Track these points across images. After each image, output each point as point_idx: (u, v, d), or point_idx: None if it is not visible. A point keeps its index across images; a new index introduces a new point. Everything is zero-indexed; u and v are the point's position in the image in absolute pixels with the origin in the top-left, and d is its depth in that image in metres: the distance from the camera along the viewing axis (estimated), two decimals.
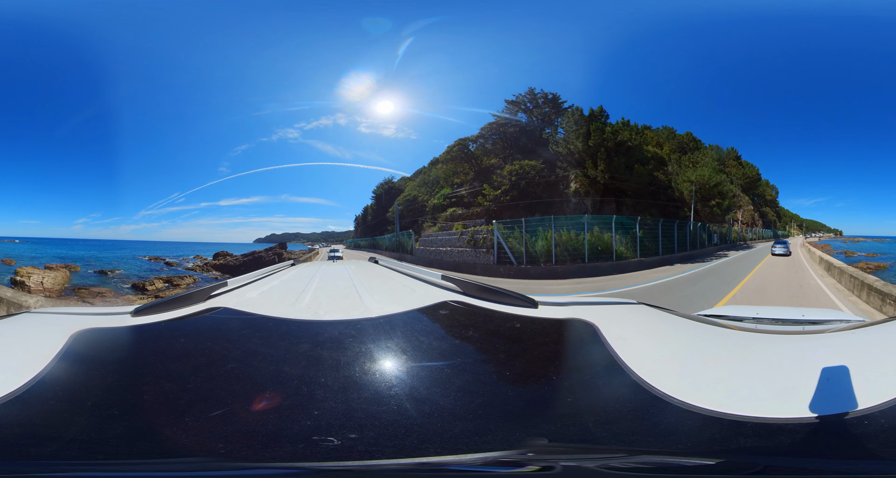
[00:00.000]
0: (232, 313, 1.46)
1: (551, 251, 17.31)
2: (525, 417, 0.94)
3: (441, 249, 21.22)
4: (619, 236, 18.87)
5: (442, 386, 1.01)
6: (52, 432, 0.86)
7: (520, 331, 1.34)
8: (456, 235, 20.43)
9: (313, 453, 0.81)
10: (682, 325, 1.48)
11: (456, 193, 23.49)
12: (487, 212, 20.33)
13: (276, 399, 0.95)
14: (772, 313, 2.67)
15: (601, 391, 1.04)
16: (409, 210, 26.42)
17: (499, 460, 0.81)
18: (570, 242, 17.61)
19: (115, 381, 1.06)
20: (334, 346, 1.16)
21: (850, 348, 1.28)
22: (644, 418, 0.93)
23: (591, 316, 1.38)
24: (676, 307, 1.73)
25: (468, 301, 1.53)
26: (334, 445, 0.82)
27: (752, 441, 0.85)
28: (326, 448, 0.81)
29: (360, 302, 1.60)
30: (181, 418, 0.89)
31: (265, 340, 1.25)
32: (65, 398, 0.97)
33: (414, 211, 26.04)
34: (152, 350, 1.25)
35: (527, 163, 20.81)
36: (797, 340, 1.37)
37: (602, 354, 1.16)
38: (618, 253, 18.53)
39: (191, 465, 0.80)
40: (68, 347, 1.16)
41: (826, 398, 0.93)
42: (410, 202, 26.68)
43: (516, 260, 17.55)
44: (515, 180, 20.52)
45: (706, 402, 0.94)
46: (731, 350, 1.28)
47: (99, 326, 1.34)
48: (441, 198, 24.29)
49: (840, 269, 14.40)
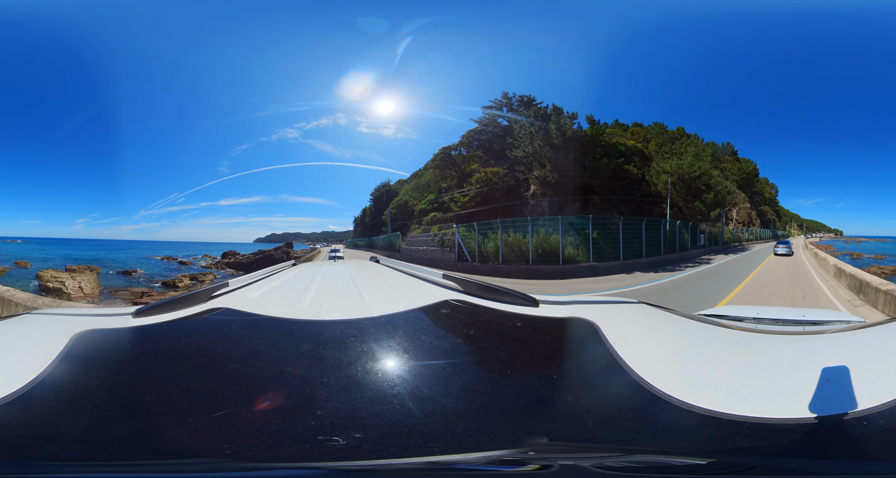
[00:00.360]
0: (233, 314, 1.46)
1: (499, 252, 19.07)
2: (526, 415, 0.94)
3: (420, 248, 23.88)
4: (572, 238, 18.27)
5: (444, 385, 1.02)
6: (53, 433, 0.86)
7: (521, 330, 1.35)
8: (430, 237, 22.99)
9: (321, 452, 0.81)
10: (682, 324, 1.48)
11: (439, 199, 25.49)
12: (459, 216, 22.55)
13: (279, 399, 0.95)
14: (772, 314, 2.68)
15: (601, 390, 1.04)
16: (402, 213, 28.40)
17: (502, 459, 0.82)
18: (517, 243, 18.74)
19: (116, 382, 1.06)
20: (336, 345, 1.16)
21: (851, 349, 1.28)
22: (643, 418, 0.94)
23: (591, 315, 1.38)
24: None
25: (469, 300, 1.54)
26: (340, 444, 0.82)
27: (749, 441, 0.85)
28: (333, 448, 0.82)
29: (362, 301, 1.61)
30: (184, 419, 0.89)
31: (267, 340, 1.25)
32: (66, 399, 0.97)
33: (405, 214, 28.09)
34: (154, 351, 1.25)
35: (490, 170, 22.88)
36: (798, 341, 1.37)
37: (602, 353, 1.16)
38: (567, 256, 17.85)
39: (198, 466, 0.80)
40: (69, 349, 1.16)
41: (825, 399, 0.93)
42: (402, 206, 28.75)
43: (471, 258, 19.97)
44: (479, 187, 22.60)
45: (705, 401, 0.94)
46: (731, 350, 1.28)
47: (100, 328, 1.33)
48: (427, 203, 26.44)
49: (876, 288, 9.92)
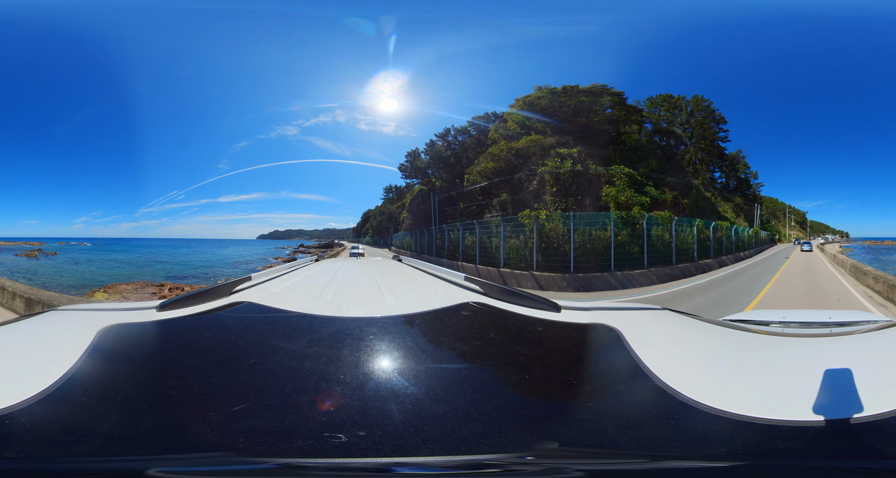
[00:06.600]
0: (255, 308, 1.46)
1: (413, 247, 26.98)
2: (541, 420, 0.93)
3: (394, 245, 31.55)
4: None
5: (459, 387, 1.01)
6: (88, 428, 0.87)
7: (541, 334, 1.33)
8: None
9: (318, 449, 0.81)
10: (707, 330, 1.45)
11: None
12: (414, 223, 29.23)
13: (297, 394, 0.95)
14: (799, 317, 2.63)
15: (623, 396, 1.02)
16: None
17: (475, 463, 0.81)
18: None
19: (142, 376, 1.07)
20: (355, 343, 1.16)
21: (881, 349, 1.27)
22: (669, 424, 0.92)
23: (614, 321, 1.36)
24: None
25: (490, 303, 1.52)
26: (341, 442, 0.82)
27: (789, 444, 0.84)
28: (332, 445, 0.82)
29: (383, 300, 1.61)
30: (206, 413, 0.90)
31: (287, 335, 1.26)
32: (96, 394, 0.98)
33: None
34: (178, 345, 1.27)
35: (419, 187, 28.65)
36: (827, 342, 1.35)
37: (625, 359, 1.14)
38: None
39: (208, 460, 0.81)
40: (96, 343, 1.17)
41: (860, 399, 0.91)
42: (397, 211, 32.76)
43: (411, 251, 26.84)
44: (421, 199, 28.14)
45: (737, 406, 0.92)
46: (759, 354, 1.26)
47: (125, 322, 1.35)
48: None
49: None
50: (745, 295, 13.30)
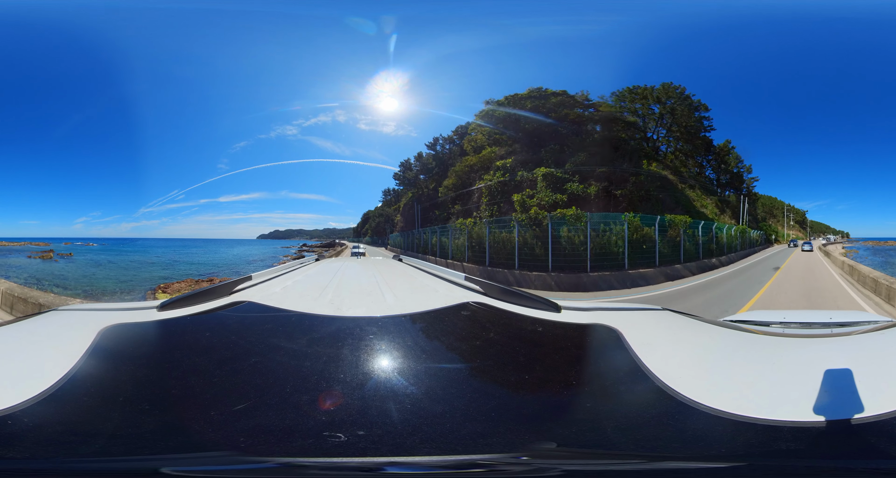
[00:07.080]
0: (256, 307, 1.46)
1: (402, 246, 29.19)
2: (540, 421, 0.93)
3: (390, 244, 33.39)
4: None
5: (458, 387, 1.01)
6: (91, 428, 0.87)
7: (541, 335, 1.33)
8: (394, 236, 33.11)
9: (317, 448, 0.82)
10: (707, 330, 1.45)
11: None
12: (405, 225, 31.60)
13: (297, 394, 0.96)
14: (799, 317, 2.63)
15: (623, 397, 1.02)
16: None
17: (468, 463, 0.81)
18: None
19: (143, 375, 1.07)
20: (355, 342, 1.16)
21: (882, 349, 1.27)
22: (669, 425, 0.92)
23: (614, 322, 1.36)
24: None
25: (490, 303, 1.52)
26: (340, 441, 0.83)
27: (790, 445, 0.84)
28: (331, 444, 0.82)
29: (383, 299, 1.61)
30: (207, 413, 0.90)
31: (288, 334, 1.26)
32: (97, 394, 0.98)
33: None
34: (179, 344, 1.27)
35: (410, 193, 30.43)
36: (827, 343, 1.35)
37: (625, 359, 1.14)
38: None
39: (214, 460, 0.82)
40: (97, 343, 1.17)
41: (861, 400, 0.91)
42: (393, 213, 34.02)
43: (401, 249, 29.18)
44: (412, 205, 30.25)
45: (738, 407, 0.92)
46: (759, 354, 1.26)
47: (126, 322, 1.34)
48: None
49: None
50: None
